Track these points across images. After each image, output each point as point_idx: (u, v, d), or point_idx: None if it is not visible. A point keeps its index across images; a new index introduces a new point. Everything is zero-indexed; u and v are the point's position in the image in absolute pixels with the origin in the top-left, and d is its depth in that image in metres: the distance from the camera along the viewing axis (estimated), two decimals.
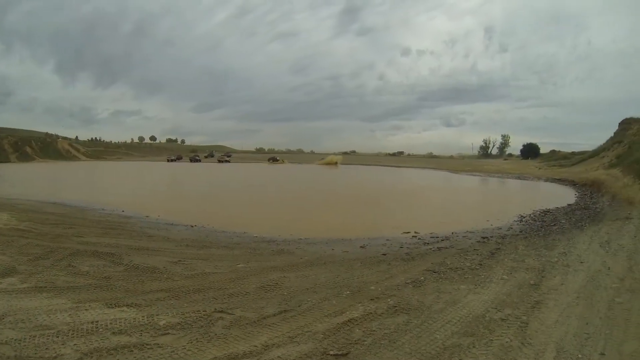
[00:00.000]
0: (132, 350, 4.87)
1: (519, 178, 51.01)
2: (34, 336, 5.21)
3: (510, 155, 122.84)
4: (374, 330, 5.56)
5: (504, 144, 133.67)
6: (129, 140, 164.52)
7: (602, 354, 4.94)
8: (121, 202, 21.61)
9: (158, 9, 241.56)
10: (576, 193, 29.32)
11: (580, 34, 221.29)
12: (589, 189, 30.66)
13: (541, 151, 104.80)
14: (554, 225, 15.60)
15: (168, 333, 5.37)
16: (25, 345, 4.98)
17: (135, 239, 12.06)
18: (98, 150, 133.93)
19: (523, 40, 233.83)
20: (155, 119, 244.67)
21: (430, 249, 11.39)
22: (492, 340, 5.26)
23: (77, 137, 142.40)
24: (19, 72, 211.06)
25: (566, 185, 36.94)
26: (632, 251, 10.39)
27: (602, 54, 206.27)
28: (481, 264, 9.24)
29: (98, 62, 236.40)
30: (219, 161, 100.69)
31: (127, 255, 9.69)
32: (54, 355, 4.75)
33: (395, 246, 11.91)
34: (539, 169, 63.66)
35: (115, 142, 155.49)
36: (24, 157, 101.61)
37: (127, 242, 11.53)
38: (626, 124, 55.05)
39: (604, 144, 57.61)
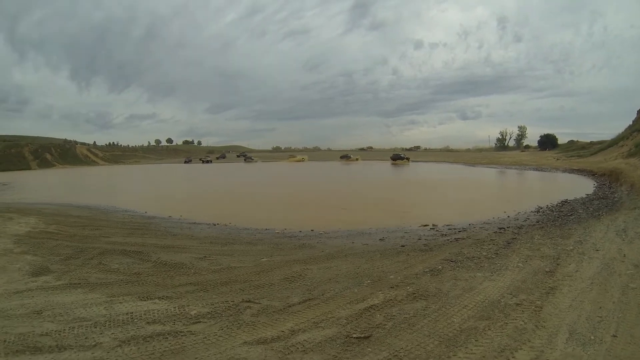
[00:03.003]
0: (167, 338, 5.22)
1: (536, 169, 50.80)
2: (72, 327, 5.59)
3: (527, 146, 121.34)
4: (394, 315, 5.87)
5: (521, 135, 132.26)
6: (145, 144, 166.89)
7: (615, 336, 5.12)
8: (143, 204, 22.19)
9: (168, 11, 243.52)
10: (594, 183, 29.20)
11: (596, 20, 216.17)
12: (607, 178, 30.35)
13: (559, 142, 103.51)
14: (571, 215, 15.68)
15: (199, 321, 5.73)
16: (65, 335, 5.34)
17: (160, 238, 12.49)
18: (116, 154, 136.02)
19: (537, 29, 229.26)
20: (170, 121, 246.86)
21: (448, 240, 11.64)
22: (506, 323, 5.52)
23: (94, 142, 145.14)
24: (34, 80, 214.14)
25: (585, 175, 36.77)
26: None
27: (619, 40, 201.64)
28: (497, 253, 9.47)
29: (111, 67, 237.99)
30: (245, 160, 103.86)
31: (154, 253, 10.09)
32: (93, 343, 5.11)
33: (414, 238, 12.19)
34: (557, 159, 62.98)
35: (132, 146, 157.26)
36: (44, 164, 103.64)
37: (152, 241, 11.96)
38: None
39: (622, 132, 56.97)
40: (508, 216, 15.95)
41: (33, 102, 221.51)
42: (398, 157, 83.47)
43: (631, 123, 57.20)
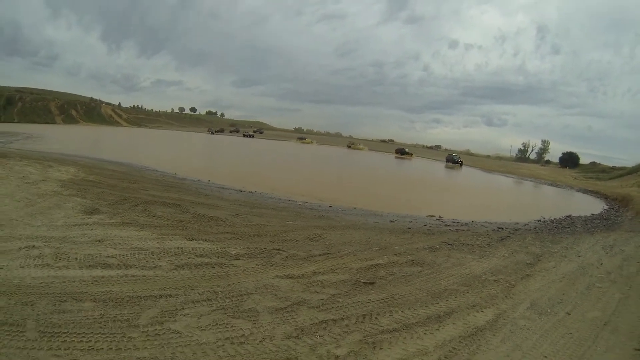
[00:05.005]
0: (214, 267, 6.69)
1: (552, 185, 51.26)
2: (133, 253, 7.00)
3: (548, 161, 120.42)
4: (395, 272, 7.40)
5: (543, 149, 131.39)
6: (168, 110, 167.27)
7: (568, 313, 6.44)
8: (172, 166, 23.58)
9: None
10: (604, 206, 29.81)
11: (639, 44, 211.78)
12: (617, 203, 30.89)
13: (581, 161, 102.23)
14: (569, 227, 16.82)
15: (239, 259, 7.21)
16: (127, 258, 6.73)
17: (194, 196, 13.92)
18: (139, 117, 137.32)
19: (577, 44, 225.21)
20: (195, 90, 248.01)
21: (450, 229, 13.06)
22: (482, 291, 6.96)
23: (119, 103, 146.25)
24: (65, 37, 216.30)
25: (597, 197, 37.26)
26: (630, 255, 11.58)
27: None
28: (489, 245, 10.86)
29: (143, 31, 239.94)
30: (244, 135, 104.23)
31: (192, 207, 11.48)
32: (153, 265, 6.53)
33: (420, 224, 13.65)
34: (575, 178, 62.98)
35: (156, 111, 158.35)
36: (69, 120, 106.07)
37: (188, 197, 13.35)
38: None
39: None
40: (510, 220, 17.03)
41: (62, 59, 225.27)
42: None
43: None
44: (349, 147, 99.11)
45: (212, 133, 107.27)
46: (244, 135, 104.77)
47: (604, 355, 5.12)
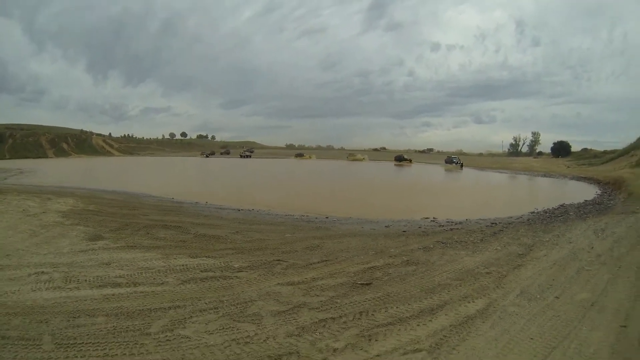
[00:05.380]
0: (218, 280, 7.09)
1: (545, 176, 51.74)
2: (140, 272, 7.42)
3: (540, 153, 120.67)
4: (390, 273, 7.78)
5: (534, 141, 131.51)
6: (159, 137, 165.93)
7: (557, 297, 6.77)
8: (168, 191, 23.88)
9: (185, 6, 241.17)
10: (597, 191, 30.22)
11: (616, 26, 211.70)
12: (611, 186, 31.28)
13: (573, 149, 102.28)
14: (561, 216, 17.20)
15: (242, 271, 7.61)
16: (135, 277, 7.14)
17: (194, 217, 14.28)
18: (130, 146, 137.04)
19: (556, 33, 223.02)
20: (184, 115, 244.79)
21: (444, 229, 13.43)
22: (474, 283, 7.31)
23: (110, 133, 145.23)
24: (51, 71, 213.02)
25: (591, 183, 37.67)
26: (621, 237, 11.87)
27: (639, 47, 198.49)
28: (482, 240, 11.22)
29: (128, 60, 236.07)
30: (241, 156, 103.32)
31: (192, 228, 11.83)
32: (160, 282, 6.93)
33: (415, 226, 14.05)
34: (568, 167, 63.36)
35: (146, 138, 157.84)
36: (61, 153, 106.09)
37: (188, 219, 13.71)
38: None
39: (634, 142, 56.09)
40: (504, 215, 17.38)
41: (49, 93, 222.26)
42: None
43: None
44: (349, 159, 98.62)
45: (207, 156, 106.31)
46: (241, 156, 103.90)
47: (590, 333, 5.38)
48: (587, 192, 29.77)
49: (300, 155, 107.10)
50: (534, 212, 18.52)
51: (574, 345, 5.02)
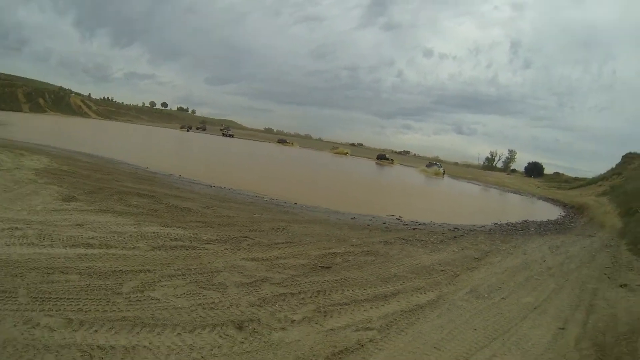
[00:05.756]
0: (187, 249, 7.38)
1: (515, 192, 52.89)
2: (112, 236, 7.59)
3: (514, 170, 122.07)
4: (350, 260, 8.23)
5: (510, 158, 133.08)
6: (139, 104, 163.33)
7: (504, 298, 7.30)
8: (143, 161, 23.60)
9: None
10: (561, 213, 31.22)
11: (607, 62, 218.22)
12: (575, 211, 32.37)
13: (546, 171, 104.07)
14: (522, 230, 17.86)
15: (210, 243, 7.92)
16: (108, 240, 7.32)
17: (167, 189, 14.45)
18: (109, 109, 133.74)
19: (548, 59, 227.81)
20: (168, 85, 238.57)
21: (407, 227, 13.96)
22: (428, 278, 7.82)
23: (89, 94, 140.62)
24: (37, 21, 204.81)
25: (557, 205, 38.74)
26: (573, 255, 12.57)
27: (626, 86, 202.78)
28: (442, 241, 11.74)
29: (118, 20, 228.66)
30: (223, 134, 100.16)
31: (165, 198, 12.03)
32: (132, 247, 7.15)
33: (379, 222, 14.51)
34: (538, 187, 64.51)
35: (126, 104, 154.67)
36: (36, 108, 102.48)
37: (161, 189, 13.88)
38: (628, 158, 56.85)
39: (604, 173, 58.42)
40: (468, 223, 17.94)
41: (32, 43, 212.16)
42: (383, 157, 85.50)
43: (614, 166, 59.42)
44: (332, 151, 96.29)
45: (188, 130, 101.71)
46: (224, 135, 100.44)
47: (529, 331, 5.91)
48: (552, 212, 30.63)
49: (282, 142, 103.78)
50: (496, 224, 19.11)
51: (513, 338, 5.53)
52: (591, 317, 6.83)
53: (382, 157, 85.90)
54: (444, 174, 68.08)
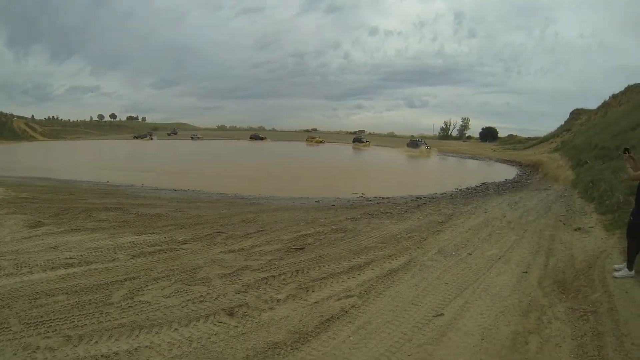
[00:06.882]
0: (166, 252, 7.62)
1: (472, 158, 54.27)
2: (90, 252, 7.66)
3: (469, 137, 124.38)
4: (321, 239, 8.72)
5: (464, 126, 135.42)
6: (87, 119, 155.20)
7: (469, 254, 7.84)
8: (101, 176, 23.51)
9: None
10: (518, 172, 32.52)
11: (549, 26, 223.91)
12: (530, 169, 33.77)
13: (500, 135, 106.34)
14: (481, 192, 18.70)
15: (186, 243, 8.20)
16: (86, 257, 7.40)
17: (133, 199, 14.54)
18: (56, 129, 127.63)
19: (492, 28, 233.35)
20: (114, 95, 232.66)
21: (372, 203, 14.58)
22: (397, 245, 8.34)
23: (32, 116, 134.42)
24: None
25: (513, 165, 40.18)
26: (530, 208, 13.31)
27: (567, 47, 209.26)
28: (406, 211, 12.36)
29: (53, 35, 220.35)
30: (192, 138, 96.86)
31: (133, 208, 12.13)
32: (112, 259, 7.30)
33: (344, 201, 15.19)
34: (494, 151, 66.11)
35: (73, 121, 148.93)
36: None
37: (127, 201, 13.97)
38: (575, 114, 59.80)
39: (554, 130, 61.49)
40: (430, 192, 18.67)
41: None
42: (359, 140, 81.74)
43: (563, 123, 62.15)
44: (307, 141, 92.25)
45: (151, 138, 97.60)
46: (192, 138, 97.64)
47: (496, 278, 6.46)
48: (509, 172, 31.85)
49: (256, 138, 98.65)
50: (457, 189, 19.89)
51: (482, 286, 6.05)
52: (551, 259, 7.46)
53: (358, 140, 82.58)
54: (429, 152, 60.76)
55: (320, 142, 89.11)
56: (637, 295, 5.42)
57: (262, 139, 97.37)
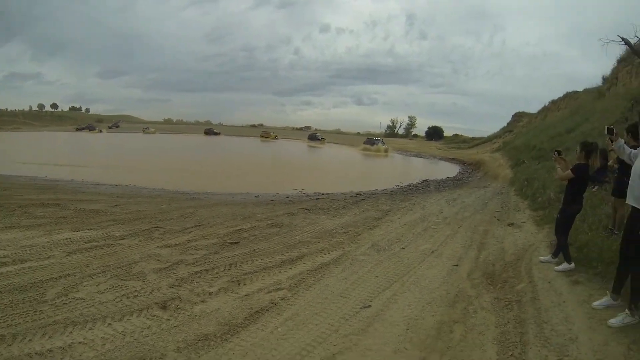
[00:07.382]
0: (103, 248, 7.63)
1: (417, 156, 55.68)
2: (24, 250, 7.45)
3: (415, 135, 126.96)
4: (256, 234, 8.96)
5: (411, 124, 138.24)
6: (26, 108, 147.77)
7: (403, 248, 8.24)
8: (39, 171, 22.51)
9: None
10: (460, 170, 33.76)
11: (497, 33, 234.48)
12: (472, 167, 35.32)
13: (446, 134, 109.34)
14: (422, 189, 19.34)
15: (124, 238, 8.23)
16: (21, 255, 7.21)
17: (72, 195, 14.25)
18: None
19: (443, 30, 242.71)
20: (56, 84, 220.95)
21: (310, 198, 14.98)
22: (331, 240, 8.67)
23: None
24: None
25: (456, 164, 41.74)
26: (468, 205, 13.98)
27: (514, 54, 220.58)
28: (344, 207, 12.77)
29: None
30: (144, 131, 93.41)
31: (71, 204, 11.90)
32: (47, 256, 7.18)
33: (283, 197, 15.57)
34: (439, 149, 68.20)
35: (11, 110, 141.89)
36: None
37: (65, 196, 13.66)
38: (517, 116, 63.31)
39: (497, 131, 65.35)
40: (371, 188, 19.19)
41: None
42: (314, 138, 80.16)
43: (506, 125, 65.21)
44: (262, 137, 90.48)
45: (100, 131, 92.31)
46: (144, 132, 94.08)
47: (427, 271, 6.85)
48: (451, 170, 33.08)
49: (210, 132, 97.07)
50: (398, 186, 20.47)
51: (412, 279, 6.42)
52: (482, 253, 7.97)
53: (314, 138, 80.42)
54: (386, 151, 60.27)
55: (275, 138, 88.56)
56: (558, 285, 5.86)
57: (216, 134, 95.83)
